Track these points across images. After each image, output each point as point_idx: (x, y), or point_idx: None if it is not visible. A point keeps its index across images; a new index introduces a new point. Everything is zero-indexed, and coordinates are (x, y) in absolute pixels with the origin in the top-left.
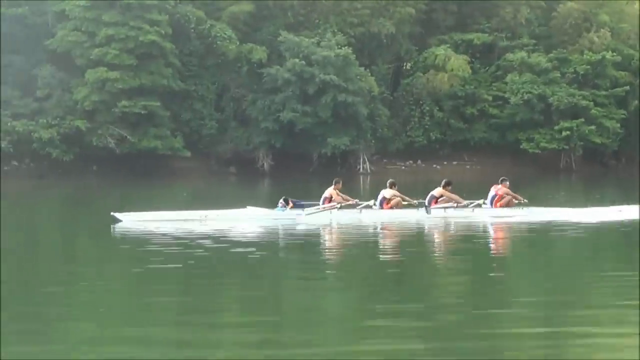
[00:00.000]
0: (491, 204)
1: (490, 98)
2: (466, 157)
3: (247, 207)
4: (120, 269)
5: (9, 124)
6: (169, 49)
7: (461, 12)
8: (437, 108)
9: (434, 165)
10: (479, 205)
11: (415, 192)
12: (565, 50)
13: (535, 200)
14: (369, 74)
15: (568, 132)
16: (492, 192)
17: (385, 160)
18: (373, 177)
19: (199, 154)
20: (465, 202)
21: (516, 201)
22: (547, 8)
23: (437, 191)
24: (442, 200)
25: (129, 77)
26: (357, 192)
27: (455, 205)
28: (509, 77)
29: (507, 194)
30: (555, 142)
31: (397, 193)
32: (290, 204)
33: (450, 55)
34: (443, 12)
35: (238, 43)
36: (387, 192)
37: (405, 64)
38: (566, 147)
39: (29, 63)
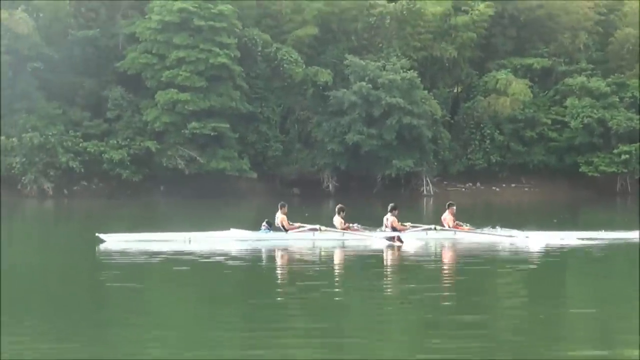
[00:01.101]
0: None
1: (549, 122)
2: (524, 179)
3: (231, 229)
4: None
5: (80, 144)
6: (238, 72)
7: (520, 37)
8: (498, 131)
9: (493, 188)
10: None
11: (474, 214)
12: (622, 75)
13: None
14: (432, 97)
15: (627, 156)
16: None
17: (445, 182)
18: (435, 199)
19: (264, 175)
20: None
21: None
22: (604, 33)
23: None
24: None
25: (198, 99)
26: (419, 214)
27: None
28: (569, 101)
29: (452, 219)
30: (614, 166)
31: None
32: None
33: (512, 80)
34: (502, 36)
35: (304, 66)
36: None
37: (463, 87)
38: (625, 170)
39: (99, 84)
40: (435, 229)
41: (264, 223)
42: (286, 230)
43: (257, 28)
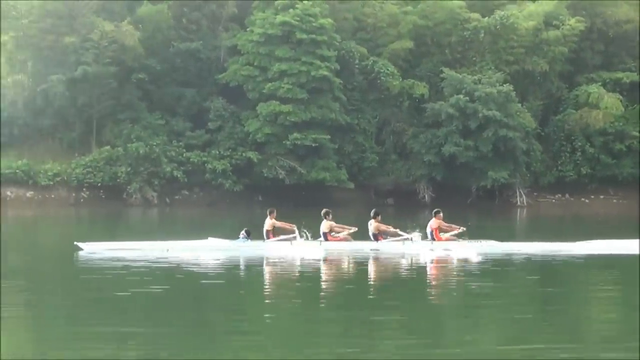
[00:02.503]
0: (431, 237)
1: (638, 134)
2: (612, 191)
3: (209, 238)
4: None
5: (183, 154)
6: (337, 84)
7: (608, 52)
8: (588, 144)
9: (582, 199)
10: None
11: (563, 225)
12: None
13: None
14: (526, 110)
15: None
16: (429, 228)
17: (535, 194)
18: (528, 209)
19: (359, 185)
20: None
21: (456, 231)
22: None
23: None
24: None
25: (300, 111)
26: (512, 224)
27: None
28: None
29: (440, 226)
30: None
31: (334, 224)
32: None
33: (603, 94)
34: (591, 51)
35: (400, 79)
36: (324, 225)
37: (553, 100)
38: None
39: (200, 96)
40: (411, 239)
41: (243, 232)
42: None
43: (354, 41)
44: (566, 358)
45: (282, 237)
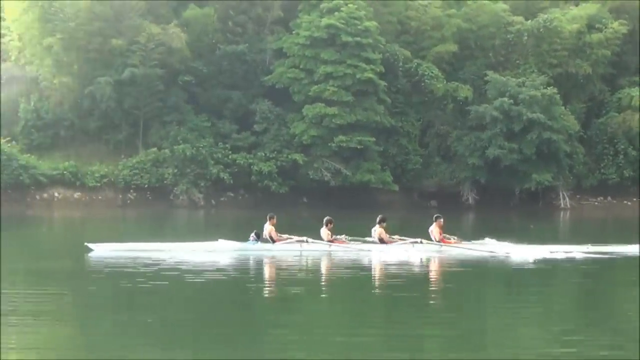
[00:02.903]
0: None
1: None
2: None
3: (219, 239)
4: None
5: (229, 156)
6: (382, 87)
7: None
8: (631, 147)
9: (625, 202)
10: (419, 243)
11: (605, 227)
12: None
13: None
14: (569, 113)
15: None
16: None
17: (578, 196)
18: (571, 212)
19: (402, 187)
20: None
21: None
22: None
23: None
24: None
25: (345, 113)
26: (556, 226)
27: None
28: None
29: (438, 232)
30: None
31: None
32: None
33: None
34: (633, 54)
35: (444, 82)
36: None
37: (595, 103)
38: None
39: (246, 98)
40: (421, 242)
41: (252, 234)
42: (273, 242)
43: (397, 44)
44: None
45: (293, 238)
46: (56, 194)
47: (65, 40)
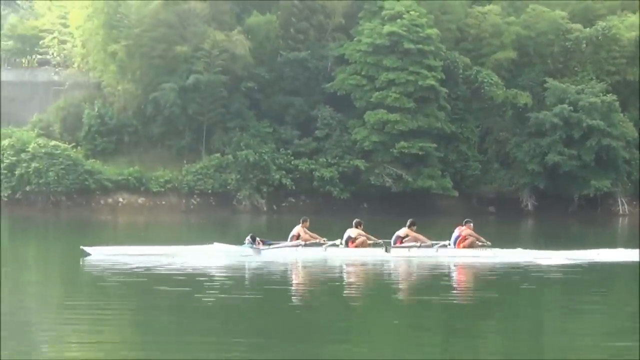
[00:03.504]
0: (454, 244)
1: None
2: None
3: (214, 243)
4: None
5: (291, 162)
6: (443, 94)
7: None
8: None
9: None
10: (445, 246)
11: None
12: None
13: None
14: (627, 120)
15: None
16: (455, 233)
17: (635, 202)
18: (630, 218)
19: (462, 193)
20: (430, 242)
21: (479, 243)
22: None
23: (403, 231)
24: (407, 240)
25: (407, 120)
26: (614, 232)
27: (419, 244)
28: None
29: (471, 235)
30: None
31: (363, 232)
32: (258, 242)
33: None
34: None
35: (504, 89)
36: (352, 232)
37: None
38: None
39: (307, 104)
40: (447, 245)
41: (248, 238)
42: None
43: (457, 51)
44: None
45: (289, 243)
46: (120, 199)
47: (130, 47)
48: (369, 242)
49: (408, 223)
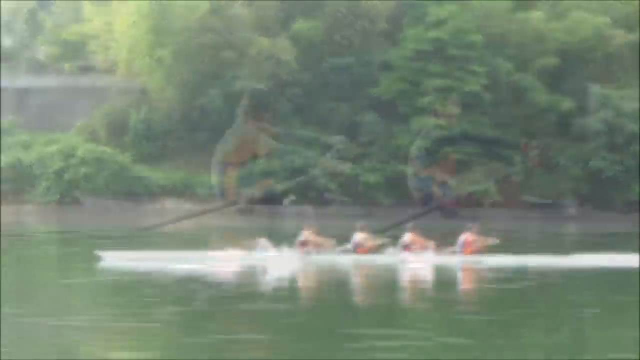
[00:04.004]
0: (461, 250)
1: None
2: None
3: (226, 248)
4: None
5: (337, 167)
6: (487, 99)
7: None
8: None
9: None
10: (453, 252)
11: None
12: None
13: None
14: None
15: None
16: (461, 239)
17: None
18: None
19: (505, 198)
20: (434, 246)
21: (487, 243)
22: None
23: (408, 237)
24: (415, 248)
25: (452, 125)
26: None
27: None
28: None
29: (476, 240)
30: None
31: (369, 236)
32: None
33: None
34: None
35: (547, 94)
36: (359, 236)
37: None
38: None
39: (352, 109)
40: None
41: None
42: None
43: (500, 57)
44: None
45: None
46: (168, 204)
47: (176, 53)
48: (377, 243)
49: (409, 227)
